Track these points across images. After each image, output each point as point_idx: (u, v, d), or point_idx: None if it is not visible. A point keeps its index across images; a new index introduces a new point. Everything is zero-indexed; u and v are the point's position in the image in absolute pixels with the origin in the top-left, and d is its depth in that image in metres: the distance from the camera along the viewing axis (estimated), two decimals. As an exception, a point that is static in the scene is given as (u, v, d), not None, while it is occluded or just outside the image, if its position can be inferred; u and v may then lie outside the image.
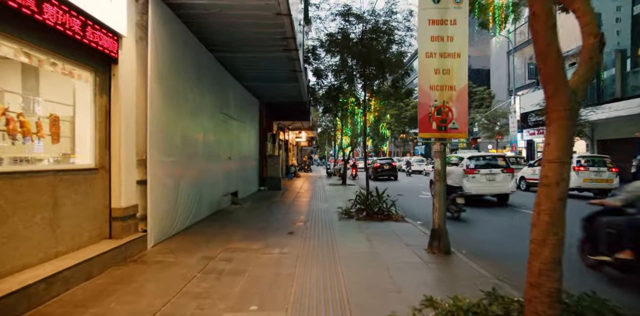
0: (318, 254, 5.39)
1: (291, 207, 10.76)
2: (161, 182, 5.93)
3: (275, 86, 13.44)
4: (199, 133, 8.21)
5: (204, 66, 8.32)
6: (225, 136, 10.49)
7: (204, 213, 8.43)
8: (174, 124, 6.64)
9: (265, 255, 5.36)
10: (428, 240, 5.75)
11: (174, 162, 6.58)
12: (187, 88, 7.34)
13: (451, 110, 5.54)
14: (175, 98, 6.72)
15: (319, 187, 18.10)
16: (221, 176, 9.93)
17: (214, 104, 9.43)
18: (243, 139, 13.02)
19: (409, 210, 10.32)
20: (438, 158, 5.63)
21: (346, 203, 11.15)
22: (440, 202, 5.58)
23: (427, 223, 8.53)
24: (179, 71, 6.82)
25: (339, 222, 8.23)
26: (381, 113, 24.34)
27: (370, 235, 6.72)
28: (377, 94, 13.77)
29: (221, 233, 6.85)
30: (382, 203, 9.06)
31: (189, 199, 7.30)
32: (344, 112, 19.83)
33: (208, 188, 8.64)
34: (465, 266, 4.97)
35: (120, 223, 4.98)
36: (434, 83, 5.55)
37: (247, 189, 13.66)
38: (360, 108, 19.18)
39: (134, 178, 5.34)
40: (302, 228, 7.44)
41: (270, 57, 9.62)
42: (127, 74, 5.21)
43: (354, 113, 21.02)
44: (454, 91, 5.54)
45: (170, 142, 6.46)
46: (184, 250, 5.50)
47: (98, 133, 4.83)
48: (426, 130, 5.59)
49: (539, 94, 23.27)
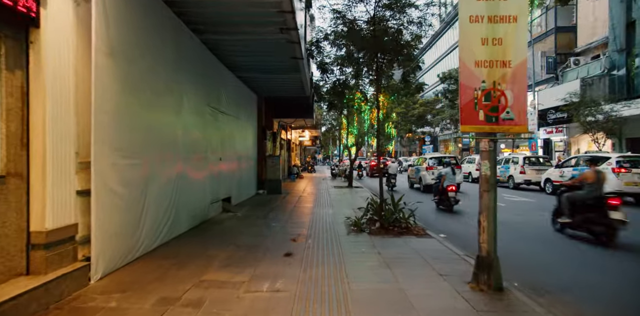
0: (323, 293, 3.91)
1: (291, 215, 9.30)
2: (114, 192, 4.48)
3: (274, 78, 11.97)
4: (178, 129, 6.76)
5: (183, 47, 6.87)
6: (214, 133, 9.04)
7: (184, 226, 6.98)
8: (138, 116, 5.19)
9: (250, 293, 3.89)
10: (471, 270, 4.27)
11: (137, 165, 5.13)
12: (159, 71, 5.89)
13: (504, 94, 4.04)
14: (141, 83, 5.28)
15: (323, 189, 16.63)
16: (209, 180, 8.47)
17: (200, 95, 7.98)
18: (238, 138, 11.57)
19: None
20: (486, 161, 4.13)
21: (354, 210, 9.69)
22: (489, 220, 4.08)
23: (451, 236, 7.10)
24: (146, 47, 5.37)
25: (347, 237, 6.75)
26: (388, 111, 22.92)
27: (390, 259, 5.23)
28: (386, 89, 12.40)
29: (199, 255, 5.39)
30: (399, 213, 7.57)
31: (160, 211, 5.85)
32: (350, 108, 18.45)
33: (190, 196, 7.19)
34: (533, 314, 3.48)
35: (44, 253, 3.53)
36: (480, 57, 4.06)
37: (243, 193, 12.21)
38: (367, 105, 17.83)
39: (70, 187, 3.89)
40: (302, 246, 5.97)
41: (265, 40, 8.16)
42: (59, 43, 3.76)
43: (361, 110, 19.61)
44: (509, 68, 4.04)
45: (132, 139, 5.00)
46: (138, 286, 4.03)
47: (6, 125, 3.38)
48: (470, 122, 4.09)
49: (559, 89, 21.65)
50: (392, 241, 6.42)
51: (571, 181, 7.61)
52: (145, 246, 5.30)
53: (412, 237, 6.71)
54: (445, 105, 36.92)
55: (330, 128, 35.47)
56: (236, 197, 11.10)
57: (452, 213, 10.22)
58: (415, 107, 39.63)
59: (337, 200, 12.35)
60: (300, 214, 9.41)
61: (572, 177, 10.07)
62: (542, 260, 5.80)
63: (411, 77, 10.17)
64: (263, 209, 10.25)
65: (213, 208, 8.82)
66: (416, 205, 8.02)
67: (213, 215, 8.76)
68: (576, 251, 6.32)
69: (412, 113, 39.93)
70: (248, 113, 13.20)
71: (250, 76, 11.63)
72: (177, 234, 6.55)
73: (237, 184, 11.21)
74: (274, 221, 8.32)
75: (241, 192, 11.85)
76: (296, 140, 31.75)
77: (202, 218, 8.01)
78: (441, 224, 8.51)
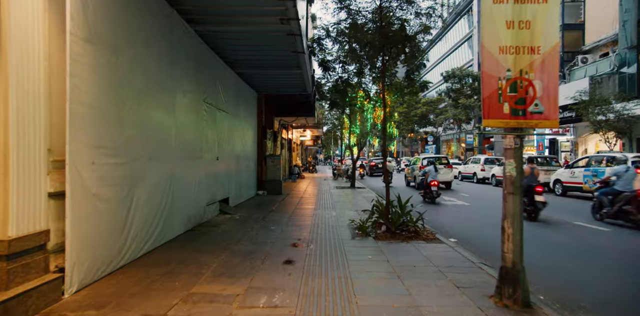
0: (327, 309, 3.45)
1: (292, 217, 8.83)
2: (94, 194, 4.02)
3: (274, 74, 11.51)
4: (171, 126, 6.30)
5: (177, 38, 6.41)
6: (211, 131, 8.58)
7: (178, 229, 6.52)
8: (125, 111, 4.73)
9: (245, 310, 3.43)
10: (490, 280, 3.81)
11: (123, 164, 4.67)
12: (149, 63, 5.44)
13: (532, 84, 3.57)
14: (129, 75, 4.82)
15: (325, 190, 16.15)
16: (205, 181, 8.01)
17: (195, 91, 7.52)
18: (237, 136, 11.11)
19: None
20: (512, 159, 3.66)
21: (358, 213, 9.23)
22: (515, 228, 3.61)
23: (462, 240, 6.68)
24: (133, 36, 4.92)
25: (352, 242, 6.28)
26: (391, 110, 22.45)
27: (400, 268, 4.76)
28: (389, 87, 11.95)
29: (191, 262, 4.93)
30: (406, 216, 7.09)
31: (150, 214, 5.39)
32: (353, 107, 17.99)
33: (184, 197, 6.74)
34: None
35: (4, 265, 3.07)
36: (505, 43, 3.59)
37: (243, 194, 11.75)
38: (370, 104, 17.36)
39: (41, 189, 3.43)
40: (303, 253, 5.51)
41: (264, 32, 7.70)
42: (26, 23, 3.29)
43: (364, 109, 19.15)
44: (538, 55, 3.56)
45: (117, 135, 4.55)
46: (118, 301, 3.57)
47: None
48: (494, 116, 3.62)
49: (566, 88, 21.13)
50: (401, 246, 5.95)
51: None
52: (131, 253, 4.84)
53: (421, 242, 6.25)
54: (448, 104, 36.43)
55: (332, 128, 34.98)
56: (235, 198, 10.64)
57: (435, 205, 11.34)
58: (418, 106, 39.12)
59: (340, 202, 11.88)
60: (302, 216, 8.95)
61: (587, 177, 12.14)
62: (565, 267, 5.32)
63: (415, 75, 9.73)
64: (262, 211, 9.78)
65: (210, 210, 8.36)
66: (421, 206, 7.56)
67: (209, 217, 8.30)
68: (601, 255, 5.84)
69: (414, 112, 39.42)
70: (247, 111, 12.74)
71: (249, 72, 11.17)
72: (169, 238, 6.10)
73: (235, 185, 10.75)
74: (274, 224, 7.85)
75: (240, 193, 11.39)
76: (297, 139, 31.28)
77: (198, 221, 7.55)
78: (429, 215, 8.06)
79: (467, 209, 10.99)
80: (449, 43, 44.41)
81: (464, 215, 9.84)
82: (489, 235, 6.96)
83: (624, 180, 8.39)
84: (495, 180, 18.85)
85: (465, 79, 32.98)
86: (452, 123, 37.68)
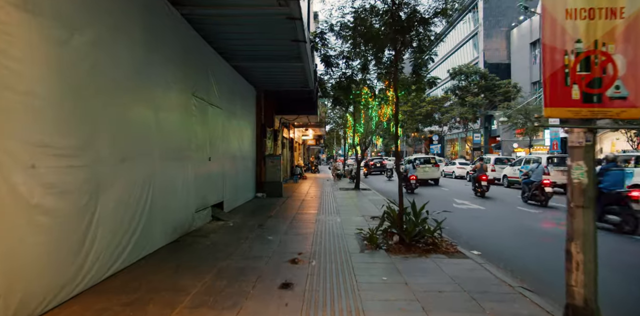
0: (335, 365, 2.55)
1: (292, 224, 7.93)
2: (34, 205, 3.12)
3: (273, 67, 10.59)
4: (150, 121, 5.41)
5: (157, 20, 5.53)
6: (202, 129, 7.69)
7: (159, 241, 5.63)
8: (85, 102, 3.84)
9: (223, 365, 2.53)
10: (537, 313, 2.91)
11: (81, 167, 3.77)
12: (119, 47, 4.55)
13: (612, 60, 2.66)
14: (90, 59, 3.93)
15: (328, 192, 15.25)
16: (194, 184, 7.11)
17: (182, 82, 6.63)
18: (232, 135, 10.22)
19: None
20: (581, 162, 2.74)
21: (366, 219, 8.34)
22: (586, 253, 2.69)
23: (487, 253, 5.80)
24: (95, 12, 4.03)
25: (361, 256, 5.38)
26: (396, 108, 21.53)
27: (423, 294, 3.85)
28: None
29: (167, 287, 4.04)
30: (422, 224, 6.18)
31: (122, 227, 4.49)
32: (356, 105, 17.11)
33: (167, 204, 5.85)
34: None
35: None
36: (574, 4, 2.68)
37: (239, 197, 10.86)
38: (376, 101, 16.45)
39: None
40: (304, 272, 4.60)
41: (260, 15, 6.81)
42: None
43: (368, 106, 18.24)
44: (620, 20, 2.65)
45: (73, 132, 3.66)
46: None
47: None
48: (558, 103, 2.71)
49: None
50: (419, 263, 5.04)
51: (473, 168, 14.72)
52: (94, 275, 3.95)
53: (442, 257, 5.34)
54: (454, 102, 35.46)
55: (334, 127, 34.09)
56: (230, 201, 9.74)
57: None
58: (423, 105, 38.10)
59: (345, 205, 10.98)
60: (303, 223, 8.04)
61: None
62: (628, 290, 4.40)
63: (423, 70, 8.86)
64: (260, 216, 8.88)
65: (200, 217, 7.46)
66: (440, 213, 6.66)
67: (200, 224, 7.41)
68: None
69: (419, 111, 38.40)
70: (245, 108, 11.85)
71: (246, 65, 10.26)
72: (147, 252, 5.21)
73: (231, 187, 9.85)
74: (271, 233, 6.95)
75: (236, 196, 10.49)
76: (299, 139, 30.38)
77: (185, 230, 6.66)
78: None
79: (480, 213, 10.09)
80: (453, 41, 43.46)
81: (475, 217, 8.93)
82: (513, 247, 6.10)
83: (535, 174, 11.70)
84: (507, 181, 17.92)
85: (472, 76, 32.00)
86: (458, 122, 36.68)
